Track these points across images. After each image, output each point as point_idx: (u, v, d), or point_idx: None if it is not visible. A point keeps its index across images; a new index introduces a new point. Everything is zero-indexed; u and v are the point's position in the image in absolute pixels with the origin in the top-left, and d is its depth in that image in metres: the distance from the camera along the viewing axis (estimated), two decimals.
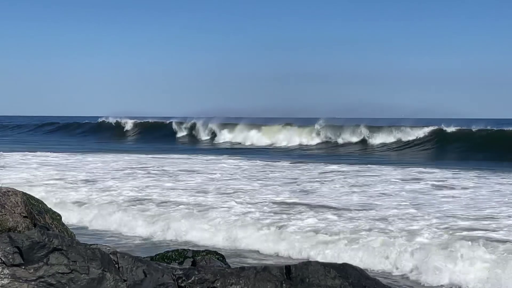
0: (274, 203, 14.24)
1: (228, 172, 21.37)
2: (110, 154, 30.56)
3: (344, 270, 5.63)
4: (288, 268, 5.62)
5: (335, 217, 12.38)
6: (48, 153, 29.86)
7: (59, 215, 8.52)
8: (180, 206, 13.89)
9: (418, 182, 18.34)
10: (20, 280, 5.16)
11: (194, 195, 15.59)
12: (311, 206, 13.73)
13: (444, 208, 13.39)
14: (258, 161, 26.59)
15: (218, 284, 5.47)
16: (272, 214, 12.99)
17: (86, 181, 18.53)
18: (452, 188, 17.06)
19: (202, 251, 8.41)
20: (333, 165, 24.17)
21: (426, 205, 13.86)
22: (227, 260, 8.23)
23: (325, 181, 18.80)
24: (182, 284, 5.48)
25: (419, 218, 12.14)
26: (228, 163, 25.60)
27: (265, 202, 14.37)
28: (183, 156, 30.16)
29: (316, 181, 18.75)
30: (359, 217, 12.41)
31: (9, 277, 5.14)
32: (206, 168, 22.93)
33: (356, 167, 23.50)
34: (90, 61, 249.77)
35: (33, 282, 5.17)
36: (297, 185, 17.82)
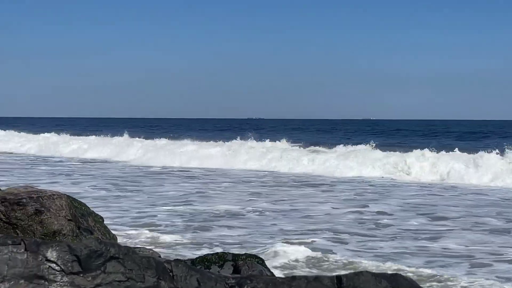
0: None
1: None
2: None
3: (395, 280, 5.67)
4: (339, 278, 5.67)
5: None
6: None
7: (101, 217, 8.64)
8: None
9: None
10: None
11: None
12: None
13: None
14: None
15: None
16: None
17: None
18: None
19: (242, 254, 8.48)
20: None
21: None
22: None
23: None
24: None
25: None
26: None
27: None
28: None
29: None
30: None
31: (68, 284, 5.23)
32: None
33: None
34: None
35: None
36: None
